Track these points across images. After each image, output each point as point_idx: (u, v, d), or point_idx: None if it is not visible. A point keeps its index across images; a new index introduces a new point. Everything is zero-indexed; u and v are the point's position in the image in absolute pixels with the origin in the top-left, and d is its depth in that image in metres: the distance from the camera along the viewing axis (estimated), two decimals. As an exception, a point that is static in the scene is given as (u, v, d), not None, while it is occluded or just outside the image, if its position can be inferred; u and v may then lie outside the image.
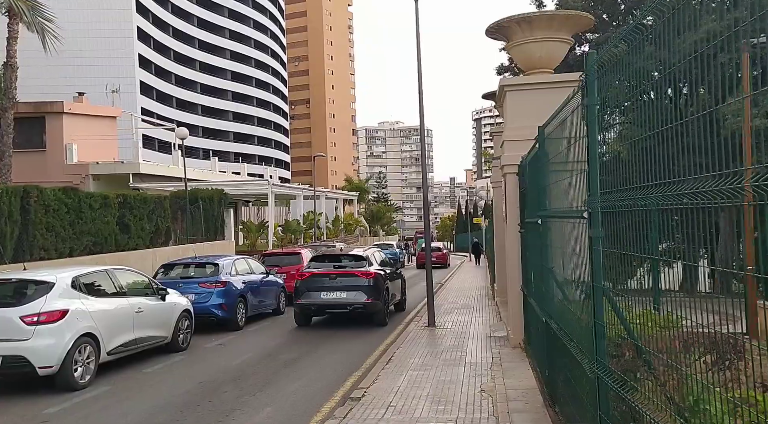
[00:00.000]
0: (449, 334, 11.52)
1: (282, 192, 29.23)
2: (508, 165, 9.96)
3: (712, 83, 2.43)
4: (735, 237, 3.29)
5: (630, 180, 3.41)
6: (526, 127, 9.25)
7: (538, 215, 6.45)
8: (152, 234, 17.39)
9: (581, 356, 4.25)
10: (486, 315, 14.12)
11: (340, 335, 12.19)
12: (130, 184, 25.09)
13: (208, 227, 20.00)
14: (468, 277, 28.42)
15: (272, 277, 15.31)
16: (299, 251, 18.82)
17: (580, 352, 4.27)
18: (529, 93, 9.68)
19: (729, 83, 2.37)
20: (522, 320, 9.75)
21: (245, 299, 13.28)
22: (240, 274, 13.55)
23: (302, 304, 12.69)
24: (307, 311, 12.88)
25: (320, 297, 12.53)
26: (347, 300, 12.48)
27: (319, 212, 33.39)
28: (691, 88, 2.68)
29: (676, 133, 2.66)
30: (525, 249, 8.99)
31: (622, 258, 3.55)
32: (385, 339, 11.42)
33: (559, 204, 5.33)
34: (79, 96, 28.91)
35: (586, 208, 3.86)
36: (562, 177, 5.16)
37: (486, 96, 16.29)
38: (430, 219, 13.54)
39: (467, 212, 77.47)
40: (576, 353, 4.45)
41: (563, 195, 5.15)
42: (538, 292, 7.43)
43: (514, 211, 9.86)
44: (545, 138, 6.28)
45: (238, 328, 12.84)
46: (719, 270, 2.90)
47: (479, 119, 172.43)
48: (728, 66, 2.39)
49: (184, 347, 10.56)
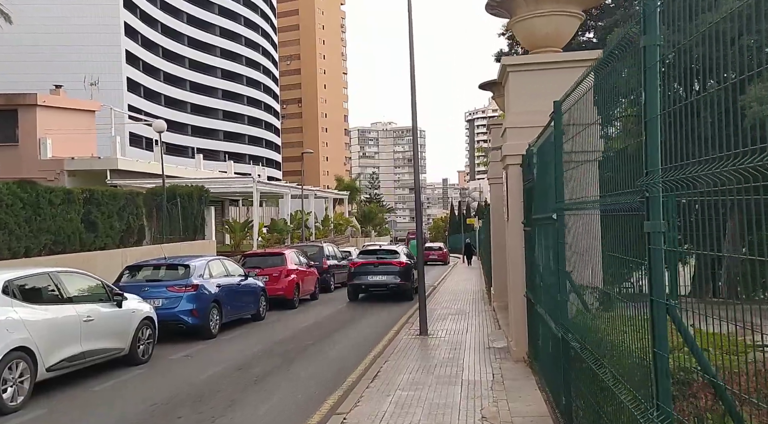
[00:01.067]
0: (443, 344, 10.38)
1: (268, 190, 28.03)
2: (510, 156, 8.84)
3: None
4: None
5: (708, 148, 2.31)
6: (532, 113, 8.17)
7: (555, 209, 5.33)
8: (123, 233, 16.15)
9: (627, 394, 3.13)
10: (483, 322, 13.00)
11: (323, 343, 11.05)
12: (107, 180, 23.83)
13: (186, 226, 18.76)
14: (461, 279, 27.32)
15: (252, 280, 14.14)
16: (283, 251, 17.64)
17: (627, 390, 3.14)
18: (535, 74, 8.57)
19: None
20: (526, 331, 8.63)
21: (219, 304, 12.10)
22: (214, 276, 12.37)
23: (355, 283, 17.97)
24: (357, 288, 18.09)
25: (367, 279, 17.80)
26: (386, 281, 17.60)
27: (307, 211, 32.19)
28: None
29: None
30: (530, 250, 7.88)
31: (704, 262, 2.44)
32: (371, 350, 10.28)
33: (588, 193, 4.21)
34: (56, 89, 27.61)
35: (642, 190, 2.74)
36: (593, 157, 4.05)
37: (483, 86, 15.18)
38: (422, 220, 12.42)
39: (460, 213, 76.51)
40: (617, 388, 3.33)
41: (593, 181, 4.04)
42: (549, 300, 6.32)
43: (516, 207, 8.76)
44: (564, 114, 5.18)
45: (211, 336, 11.67)
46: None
47: (472, 120, 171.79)
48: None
49: (145, 359, 9.37)
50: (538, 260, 7.31)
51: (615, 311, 3.64)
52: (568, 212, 5.04)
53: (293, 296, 16.61)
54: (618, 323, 3.60)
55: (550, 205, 6.02)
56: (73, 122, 26.23)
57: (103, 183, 22.93)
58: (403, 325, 12.95)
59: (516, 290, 8.84)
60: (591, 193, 4.08)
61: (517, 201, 8.72)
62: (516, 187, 8.76)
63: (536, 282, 7.48)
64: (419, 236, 11.82)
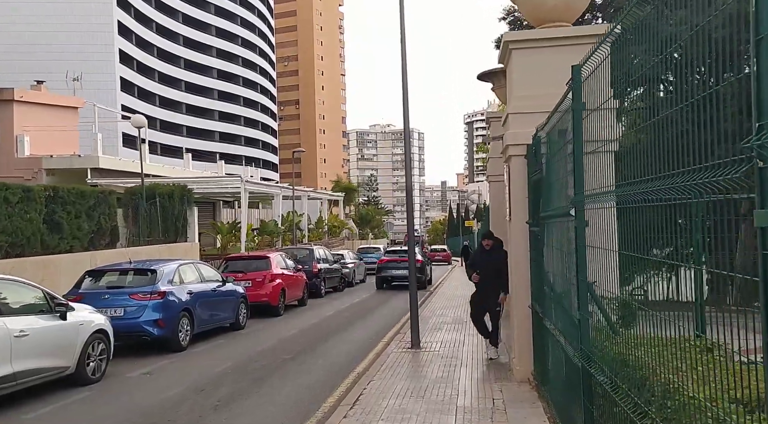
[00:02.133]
0: (436, 359, 9.23)
1: (258, 190, 26.84)
2: (513, 145, 7.71)
3: None
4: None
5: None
6: (538, 97, 7.04)
7: (574, 202, 4.19)
8: (93, 234, 14.98)
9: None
10: (481, 333, 11.83)
11: (303, 357, 9.89)
12: (87, 179, 22.67)
13: (167, 227, 17.59)
14: (458, 284, 26.17)
15: (230, 285, 12.99)
16: (267, 255, 16.49)
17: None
18: (542, 52, 7.44)
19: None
20: (531, 347, 7.48)
21: (191, 313, 10.95)
22: (186, 282, 11.22)
23: (381, 276, 22.47)
24: (384, 279, 22.44)
25: (391, 272, 22.18)
26: (406, 274, 18.99)
27: (300, 212, 31.01)
28: None
29: None
30: (537, 254, 6.74)
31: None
32: (356, 366, 9.13)
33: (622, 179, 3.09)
34: (38, 84, 26.45)
35: (750, 156, 1.61)
36: (634, 124, 2.92)
37: (482, 76, 14.06)
38: (414, 221, 11.31)
39: (458, 215, 75.47)
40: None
41: (638, 160, 2.91)
42: (562, 315, 5.19)
43: (520, 204, 7.62)
44: (585, 80, 4.05)
45: (180, 348, 10.52)
46: None
47: (471, 123, 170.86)
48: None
49: (96, 378, 8.21)
50: (547, 266, 6.18)
51: (676, 343, 2.51)
52: (593, 205, 3.91)
53: (278, 303, 15.46)
54: (679, 359, 2.46)
55: (563, 199, 4.90)
56: (55, 119, 25.10)
57: (83, 182, 21.77)
58: (394, 335, 11.81)
59: (519, 301, 7.70)
60: (629, 179, 2.95)
61: (520, 197, 7.59)
62: (520, 182, 7.63)
63: (545, 292, 6.35)
64: (411, 238, 10.68)
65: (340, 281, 22.78)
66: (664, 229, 2.59)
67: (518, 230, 7.66)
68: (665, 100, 2.70)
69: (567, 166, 4.70)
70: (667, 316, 2.83)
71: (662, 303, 3.03)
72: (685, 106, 2.06)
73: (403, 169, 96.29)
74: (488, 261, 8.95)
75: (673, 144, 2.19)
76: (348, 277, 23.92)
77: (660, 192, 2.28)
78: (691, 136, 2.01)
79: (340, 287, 22.72)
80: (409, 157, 10.58)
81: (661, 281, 3.15)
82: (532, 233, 6.98)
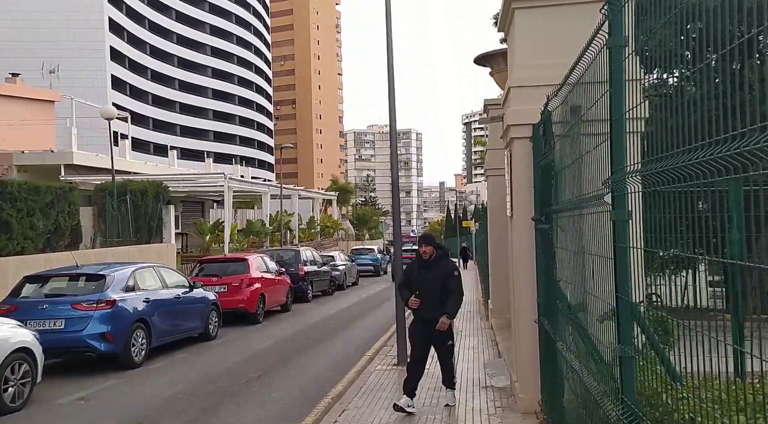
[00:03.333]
0: (426, 379, 7.84)
1: (243, 189, 25.48)
2: (515, 126, 6.38)
3: None
4: None
5: None
6: (546, 67, 5.69)
7: (614, 183, 2.85)
8: (50, 234, 13.62)
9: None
10: (478, 346, 10.52)
11: (272, 375, 8.55)
12: (61, 176, 21.31)
13: (139, 227, 16.24)
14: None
15: (199, 291, 11.65)
16: (245, 257, 15.14)
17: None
18: (552, 12, 6.13)
19: None
20: (537, 371, 6.15)
21: (148, 324, 9.60)
22: (143, 289, 9.87)
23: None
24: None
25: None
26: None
27: (290, 212, 29.65)
28: None
29: None
30: (547, 258, 5.40)
31: None
32: (332, 387, 7.78)
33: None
34: (12, 77, 25.09)
35: None
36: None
37: (479, 59, 12.76)
38: (400, 221, 9.97)
39: (456, 216, 74.20)
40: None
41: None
42: (583, 341, 3.86)
43: (524, 197, 6.28)
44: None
45: (132, 365, 9.16)
46: None
47: (469, 123, 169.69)
48: None
49: (17, 406, 6.87)
50: (560, 273, 4.85)
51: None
52: (640, 184, 2.57)
53: (255, 310, 14.12)
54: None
55: (587, 184, 3.57)
56: (30, 113, 23.71)
57: (57, 179, 20.41)
58: (381, 347, 10.48)
59: (523, 314, 6.36)
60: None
61: (525, 189, 6.26)
62: (524, 170, 6.29)
63: (556, 307, 5.01)
64: (397, 237, 9.35)
65: (329, 284, 21.47)
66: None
67: (521, 229, 6.32)
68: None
69: (594, 140, 3.38)
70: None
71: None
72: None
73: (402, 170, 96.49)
74: (429, 277, 6.24)
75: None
76: (338, 280, 22.60)
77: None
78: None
79: (330, 290, 21.39)
80: (395, 152, 9.25)
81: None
82: (540, 231, 5.64)
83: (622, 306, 2.80)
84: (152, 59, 70.75)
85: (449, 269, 6.37)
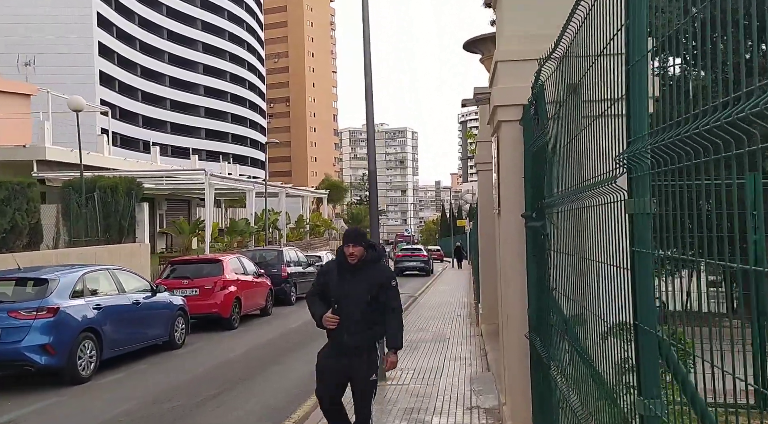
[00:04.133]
0: (404, 399, 6.96)
1: (227, 186, 24.51)
2: (503, 107, 5.46)
3: None
4: None
5: None
6: (539, 37, 4.68)
7: (631, 157, 1.92)
8: (6, 233, 12.63)
9: None
10: (466, 355, 9.61)
11: (231, 394, 7.61)
12: (33, 173, 20.31)
13: (109, 226, 15.26)
14: (448, 288, 23.94)
15: (163, 295, 10.70)
16: (220, 258, 14.18)
17: None
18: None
19: None
20: (528, 393, 5.23)
21: (98, 334, 8.65)
22: (94, 294, 8.92)
23: (399, 266, 30.11)
24: (402, 269, 30.15)
25: (405, 264, 31.15)
26: (416, 265, 31.35)
27: (277, 211, 28.68)
28: None
29: None
30: (539, 261, 4.46)
31: None
32: (297, 409, 6.84)
33: None
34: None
35: None
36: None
37: (468, 45, 11.83)
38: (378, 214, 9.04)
39: (451, 215, 73.39)
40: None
41: None
42: (579, 364, 2.95)
43: (513, 190, 5.36)
44: None
45: (79, 380, 8.21)
46: None
47: (464, 122, 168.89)
48: None
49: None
50: (554, 281, 3.93)
51: None
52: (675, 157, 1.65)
53: (230, 314, 13.17)
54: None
55: (592, 166, 2.66)
56: (4, 107, 22.68)
57: (29, 175, 19.41)
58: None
59: (513, 327, 5.43)
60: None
61: (514, 180, 5.33)
62: (513, 158, 5.37)
63: (549, 321, 4.09)
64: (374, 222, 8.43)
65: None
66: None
67: (510, 227, 5.40)
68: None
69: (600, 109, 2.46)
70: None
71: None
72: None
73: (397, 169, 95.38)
74: (355, 287, 4.49)
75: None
76: (325, 281, 21.61)
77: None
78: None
79: (315, 292, 20.43)
80: (372, 136, 8.34)
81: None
82: (531, 230, 4.72)
83: (644, 341, 1.88)
84: (142, 55, 69.59)
85: (384, 277, 4.61)
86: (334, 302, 4.49)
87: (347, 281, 4.50)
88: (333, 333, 4.51)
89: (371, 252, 4.59)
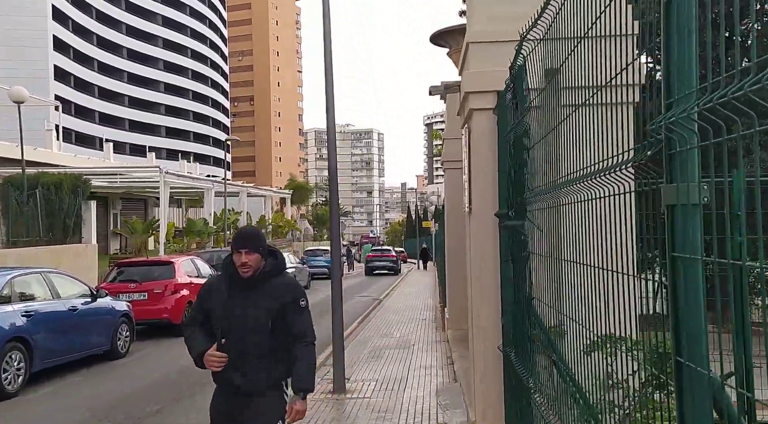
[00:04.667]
0: (365, 416, 6.37)
1: (183, 184, 23.53)
2: (475, 94, 4.93)
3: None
4: None
5: None
6: (516, 17, 4.18)
7: (663, 122, 1.36)
8: (-69, 234, 11.65)
9: None
10: (432, 364, 9.07)
11: (175, 408, 6.90)
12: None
13: (52, 225, 14.28)
14: (413, 290, 23.45)
15: (104, 301, 9.88)
16: (171, 260, 13.36)
17: None
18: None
19: None
20: (502, 410, 4.70)
21: (28, 344, 7.82)
22: (23, 300, 8.08)
23: (369, 266, 33.70)
24: (372, 268, 33.31)
25: (375, 264, 33.69)
26: (385, 265, 33.62)
27: (237, 211, 27.77)
28: None
29: None
30: (515, 268, 3.92)
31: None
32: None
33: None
34: None
35: None
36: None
37: (435, 37, 11.30)
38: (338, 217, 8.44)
39: (417, 217, 73.12)
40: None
41: None
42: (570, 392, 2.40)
43: (485, 186, 4.83)
44: None
45: (5, 395, 7.40)
46: None
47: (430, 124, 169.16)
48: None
49: None
50: (536, 290, 3.40)
51: None
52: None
53: (181, 320, 12.34)
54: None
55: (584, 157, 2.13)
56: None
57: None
58: (318, 367, 8.90)
59: (483, 338, 4.90)
60: None
61: (487, 175, 4.81)
62: (486, 151, 4.85)
63: (527, 334, 3.55)
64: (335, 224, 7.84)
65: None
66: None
67: (482, 227, 4.87)
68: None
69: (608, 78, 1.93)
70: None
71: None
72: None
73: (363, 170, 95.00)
74: (250, 309, 3.29)
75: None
76: (286, 284, 20.89)
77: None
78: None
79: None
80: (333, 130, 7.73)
81: None
82: (508, 230, 4.18)
83: (689, 384, 1.33)
84: (99, 50, 67.41)
85: (290, 295, 3.38)
86: (220, 334, 3.23)
87: (239, 301, 3.27)
88: (221, 375, 3.27)
89: (272, 260, 3.36)
